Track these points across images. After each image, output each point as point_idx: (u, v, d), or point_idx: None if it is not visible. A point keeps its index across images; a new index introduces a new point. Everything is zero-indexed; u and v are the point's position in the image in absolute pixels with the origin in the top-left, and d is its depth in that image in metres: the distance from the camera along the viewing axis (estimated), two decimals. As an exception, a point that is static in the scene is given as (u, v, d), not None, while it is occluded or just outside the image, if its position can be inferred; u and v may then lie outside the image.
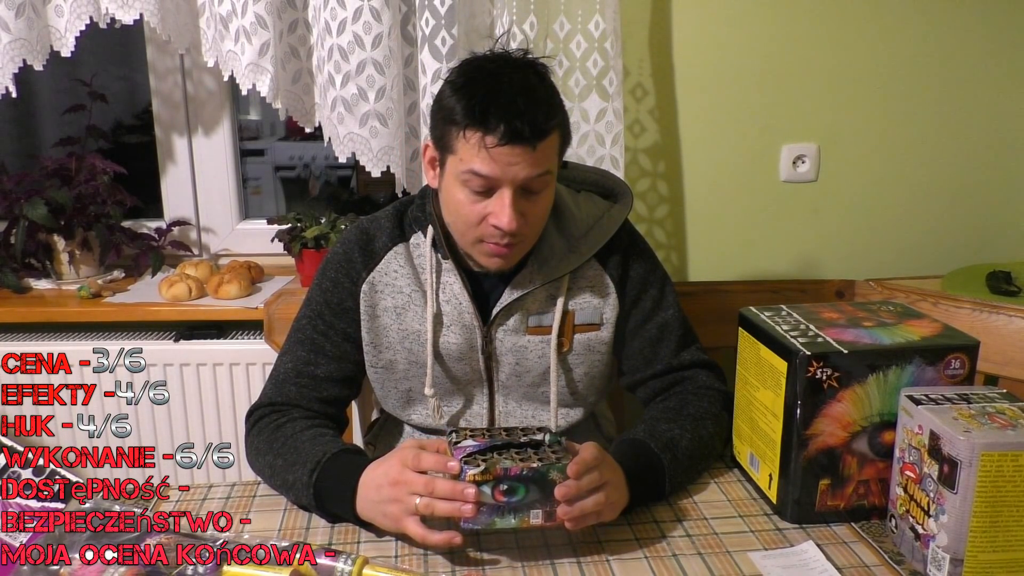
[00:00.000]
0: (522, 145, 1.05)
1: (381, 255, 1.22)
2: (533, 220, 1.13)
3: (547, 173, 1.10)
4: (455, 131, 1.07)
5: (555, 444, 0.98)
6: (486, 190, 1.09)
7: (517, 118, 1.04)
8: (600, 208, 1.25)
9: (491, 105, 1.04)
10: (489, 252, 1.14)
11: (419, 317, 1.21)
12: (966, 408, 0.93)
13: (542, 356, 1.22)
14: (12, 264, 1.91)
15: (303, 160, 2.78)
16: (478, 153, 1.06)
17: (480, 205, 1.10)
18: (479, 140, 1.05)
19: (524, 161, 1.06)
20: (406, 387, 1.26)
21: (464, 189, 1.10)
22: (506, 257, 1.15)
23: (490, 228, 1.10)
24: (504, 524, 0.94)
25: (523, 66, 1.10)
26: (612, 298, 1.24)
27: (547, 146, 1.08)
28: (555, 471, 0.94)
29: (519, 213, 1.09)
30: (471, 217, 1.11)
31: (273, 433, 1.14)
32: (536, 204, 1.12)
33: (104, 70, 2.07)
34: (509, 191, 1.08)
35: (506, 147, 1.05)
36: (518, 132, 1.04)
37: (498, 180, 1.07)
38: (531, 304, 1.21)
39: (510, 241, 1.12)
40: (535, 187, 1.10)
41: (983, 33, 1.87)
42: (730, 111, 1.87)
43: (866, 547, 1.00)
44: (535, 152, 1.06)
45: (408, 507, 0.95)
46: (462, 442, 0.97)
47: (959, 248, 1.96)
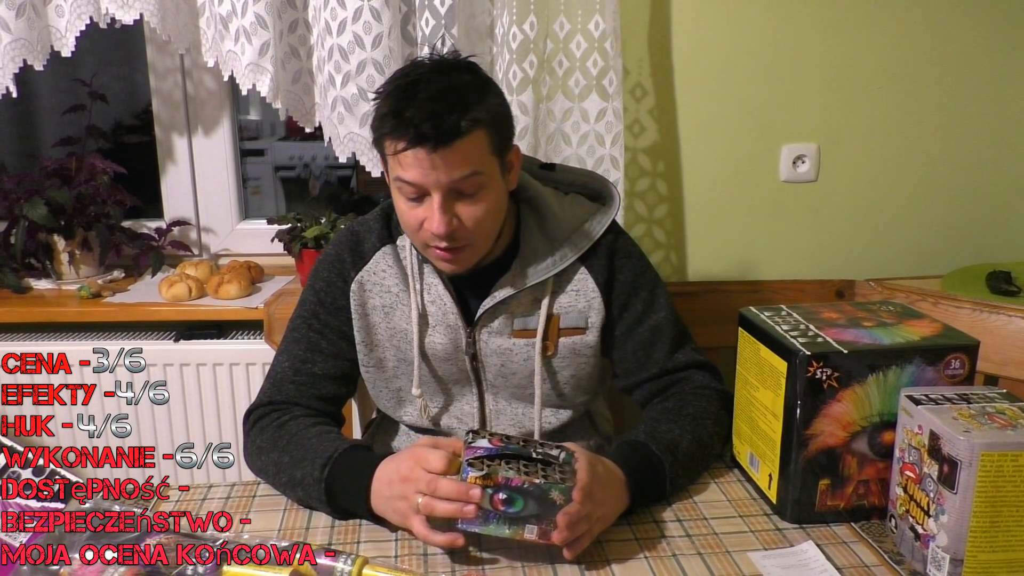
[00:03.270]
0: (434, 148, 1.04)
1: (369, 255, 1.23)
2: (473, 224, 1.11)
3: (475, 174, 1.08)
4: (381, 140, 1.09)
5: (566, 465, 0.98)
6: (418, 196, 1.09)
7: (426, 121, 1.03)
8: (586, 210, 1.24)
9: (404, 111, 1.04)
10: (437, 257, 1.14)
11: (406, 316, 1.22)
12: (966, 408, 0.93)
13: (527, 359, 1.22)
14: (12, 264, 1.91)
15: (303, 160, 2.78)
16: (399, 159, 1.07)
17: (418, 211, 1.11)
18: (393, 148, 1.07)
19: (443, 164, 1.05)
20: (396, 386, 1.26)
21: (401, 197, 1.11)
22: (454, 262, 1.14)
23: (428, 234, 1.11)
24: (497, 532, 0.94)
25: (446, 68, 1.09)
26: (597, 302, 1.23)
27: (467, 146, 1.06)
28: (557, 491, 0.94)
29: (452, 217, 1.09)
30: (411, 223, 1.12)
31: (277, 431, 1.14)
32: (474, 207, 1.10)
33: (104, 70, 2.06)
34: (437, 195, 1.08)
35: (417, 151, 1.04)
36: (424, 136, 1.03)
37: (423, 185, 1.08)
38: (516, 307, 1.21)
39: (449, 245, 1.11)
40: (467, 189, 1.09)
41: (983, 33, 1.87)
42: (730, 111, 1.87)
43: (866, 547, 1.00)
44: (451, 153, 1.05)
45: (413, 504, 0.96)
46: (476, 442, 0.97)
47: (959, 248, 1.96)
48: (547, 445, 1.00)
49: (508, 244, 1.22)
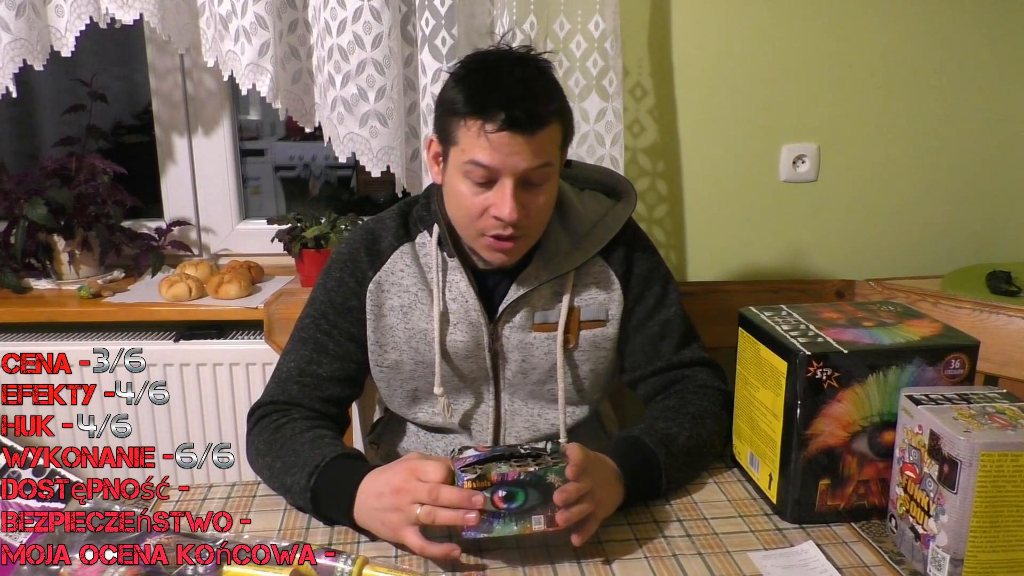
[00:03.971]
0: (521, 133, 1.06)
1: (387, 255, 1.23)
2: (535, 213, 1.13)
3: (547, 165, 1.10)
4: (456, 121, 1.09)
5: (555, 453, 0.98)
6: (487, 181, 1.10)
7: (516, 105, 1.05)
8: (604, 205, 1.26)
9: (491, 93, 1.06)
10: (492, 246, 1.14)
11: (426, 316, 1.21)
12: (966, 408, 0.93)
13: (548, 353, 1.23)
14: (12, 264, 1.91)
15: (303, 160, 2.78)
16: (478, 141, 1.07)
17: (482, 197, 1.11)
18: (479, 128, 1.07)
19: (523, 151, 1.07)
20: (412, 386, 1.26)
21: (466, 181, 1.11)
22: (509, 251, 1.15)
23: (491, 220, 1.11)
24: (506, 531, 0.94)
25: (524, 60, 1.11)
26: (617, 294, 1.24)
27: (546, 137, 1.09)
28: (552, 473, 0.94)
29: (520, 205, 1.10)
30: (473, 209, 1.12)
31: (273, 434, 1.14)
32: (537, 197, 1.12)
33: (104, 70, 2.06)
34: (510, 181, 1.09)
35: (505, 134, 1.06)
36: (516, 120, 1.05)
37: (498, 170, 1.08)
38: (537, 301, 1.21)
39: (512, 233, 1.12)
40: (536, 179, 1.10)
41: (983, 33, 1.87)
42: (730, 111, 1.87)
43: (866, 547, 1.00)
44: (534, 141, 1.07)
45: (408, 516, 0.95)
46: (463, 454, 0.97)
47: (959, 248, 1.96)
48: (533, 443, 1.00)
49: None
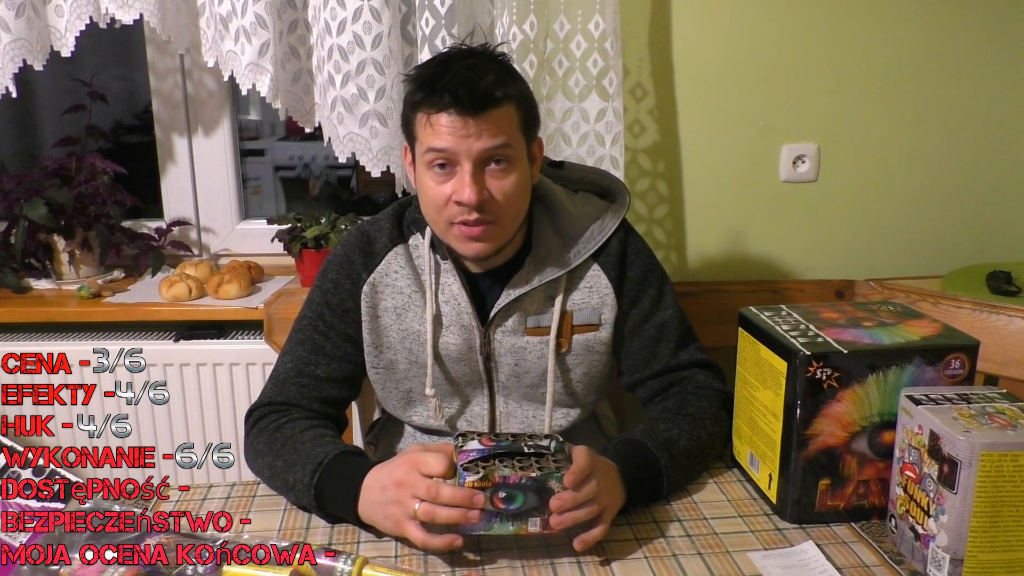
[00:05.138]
0: (469, 113, 1.07)
1: (381, 256, 1.23)
2: (502, 198, 1.12)
3: (506, 146, 1.10)
4: (413, 116, 1.12)
5: (558, 453, 0.98)
6: (447, 167, 1.11)
7: (460, 87, 1.06)
8: (598, 208, 1.25)
9: (438, 80, 1.08)
10: (461, 235, 1.14)
11: (419, 317, 1.21)
12: (966, 408, 0.93)
13: (541, 357, 1.22)
14: (12, 264, 1.91)
15: (303, 160, 2.78)
16: (432, 128, 1.09)
17: (445, 185, 1.11)
18: (429, 115, 1.09)
19: (476, 131, 1.08)
20: (407, 387, 1.26)
21: (430, 171, 1.12)
22: (479, 238, 1.14)
23: (455, 207, 1.11)
24: (502, 530, 0.95)
25: (475, 52, 1.13)
26: (610, 298, 1.24)
27: (500, 116, 1.09)
28: (553, 479, 0.94)
29: (482, 188, 1.10)
30: (438, 199, 1.12)
31: (273, 434, 1.14)
32: (503, 181, 1.12)
33: (104, 70, 2.06)
34: (468, 164, 1.09)
35: (453, 116, 1.07)
36: (460, 99, 1.06)
37: (454, 152, 1.09)
38: (529, 305, 1.21)
39: (479, 218, 1.11)
40: (496, 160, 1.11)
41: (983, 33, 1.87)
42: (730, 111, 1.87)
43: (866, 547, 1.00)
44: (485, 120, 1.08)
45: (409, 510, 0.95)
46: (467, 445, 0.97)
47: (959, 248, 1.96)
48: (536, 437, 1.00)
49: (521, 243, 1.23)
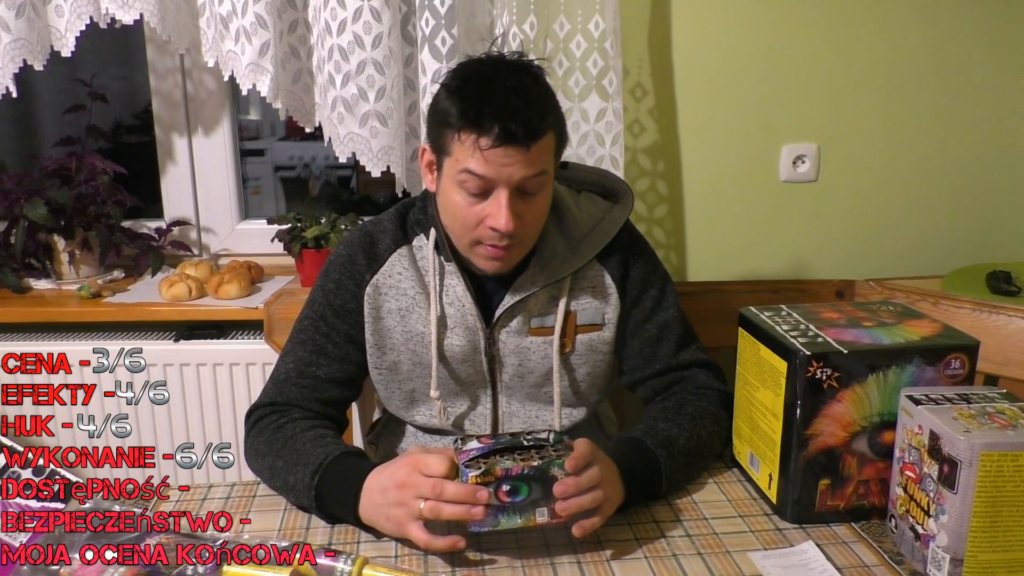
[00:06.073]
0: (516, 146, 1.05)
1: (385, 257, 1.22)
2: (530, 221, 1.13)
3: (543, 174, 1.10)
4: (450, 133, 1.08)
5: (558, 444, 0.98)
6: (482, 192, 1.09)
7: (511, 119, 1.04)
8: (601, 209, 1.26)
9: (485, 107, 1.05)
10: (487, 255, 1.14)
11: (423, 319, 1.21)
12: (966, 408, 0.93)
13: (545, 357, 1.23)
14: (12, 264, 1.91)
15: (303, 160, 2.78)
16: (473, 155, 1.06)
17: (477, 207, 1.10)
18: (474, 142, 1.06)
19: (519, 162, 1.07)
20: (410, 388, 1.26)
21: (461, 191, 1.10)
22: (503, 260, 1.15)
23: (487, 230, 1.11)
24: (510, 524, 0.94)
25: (517, 68, 1.10)
26: (614, 298, 1.24)
27: (542, 147, 1.08)
28: (555, 467, 0.94)
29: (516, 214, 1.09)
30: (468, 220, 1.11)
31: (273, 434, 1.14)
32: (533, 206, 1.12)
33: (104, 70, 2.06)
34: (505, 192, 1.08)
35: (500, 148, 1.05)
36: (512, 133, 1.04)
37: (493, 181, 1.08)
38: (533, 306, 1.21)
39: (508, 243, 1.12)
40: (531, 188, 1.10)
41: (983, 33, 1.87)
42: (730, 111, 1.87)
43: (866, 547, 1.00)
44: (529, 153, 1.07)
45: (412, 511, 0.95)
46: (466, 445, 0.97)
47: (959, 248, 1.96)
48: (534, 431, 1.00)
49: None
